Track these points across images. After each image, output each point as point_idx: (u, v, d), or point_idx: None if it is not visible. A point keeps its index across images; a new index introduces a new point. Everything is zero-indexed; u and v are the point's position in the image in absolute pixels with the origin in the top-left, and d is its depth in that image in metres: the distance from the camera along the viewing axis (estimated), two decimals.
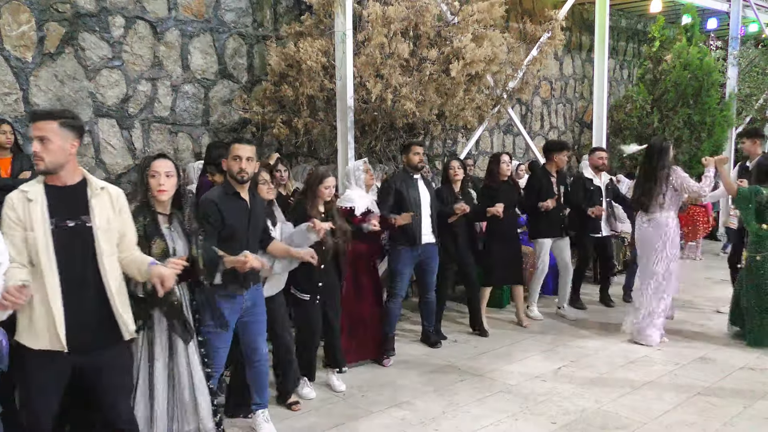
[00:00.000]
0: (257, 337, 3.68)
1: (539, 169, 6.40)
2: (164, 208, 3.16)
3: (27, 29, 5.20)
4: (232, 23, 6.41)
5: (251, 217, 3.55)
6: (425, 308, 5.43)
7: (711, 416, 4.01)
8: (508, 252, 5.77)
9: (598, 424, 3.93)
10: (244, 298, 3.53)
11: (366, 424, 3.96)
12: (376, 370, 4.90)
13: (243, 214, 3.52)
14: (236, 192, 3.51)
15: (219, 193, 3.53)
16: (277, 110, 6.11)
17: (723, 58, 10.89)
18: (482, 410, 4.14)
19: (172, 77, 6.04)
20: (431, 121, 6.13)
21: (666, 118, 9.59)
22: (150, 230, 3.07)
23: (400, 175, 5.22)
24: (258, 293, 3.67)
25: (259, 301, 3.67)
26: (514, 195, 5.84)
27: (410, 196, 5.05)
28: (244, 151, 3.46)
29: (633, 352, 5.23)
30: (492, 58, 6.03)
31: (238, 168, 3.44)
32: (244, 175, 3.45)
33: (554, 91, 10.33)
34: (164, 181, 3.09)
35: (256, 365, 3.72)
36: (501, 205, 5.46)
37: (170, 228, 3.15)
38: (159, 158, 3.15)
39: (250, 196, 3.58)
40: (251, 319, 3.63)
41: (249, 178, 3.49)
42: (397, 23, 5.65)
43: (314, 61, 5.66)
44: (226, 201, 3.47)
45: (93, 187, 2.76)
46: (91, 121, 5.58)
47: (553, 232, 6.10)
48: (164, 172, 3.09)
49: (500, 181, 5.72)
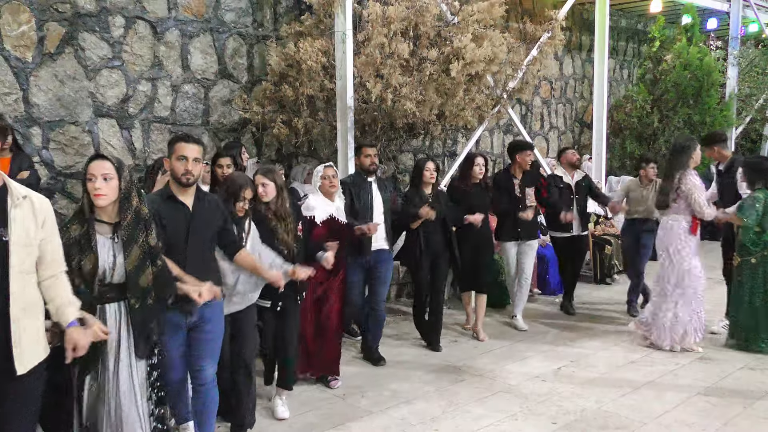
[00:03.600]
0: (204, 357, 3.24)
1: (501, 171, 6.10)
2: (109, 216, 2.78)
3: (27, 29, 5.19)
4: (232, 23, 6.41)
5: (191, 225, 3.13)
6: (372, 321, 5.05)
7: (711, 416, 4.01)
8: (478, 258, 5.53)
9: (598, 424, 3.93)
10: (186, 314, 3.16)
11: (366, 424, 3.96)
12: (376, 370, 4.90)
13: (180, 221, 3.11)
14: (173, 195, 3.12)
15: (155, 197, 3.18)
16: (277, 110, 6.12)
17: (723, 58, 10.89)
18: (482, 410, 4.14)
19: (172, 77, 6.04)
20: (431, 121, 6.13)
21: (666, 118, 9.59)
22: (83, 242, 2.71)
23: (353, 177, 5.05)
24: (210, 309, 3.21)
25: (212, 318, 3.24)
26: (485, 199, 5.59)
27: (361, 199, 4.85)
28: (191, 151, 3.08)
29: (633, 352, 5.23)
30: (492, 58, 6.02)
31: (184, 169, 3.06)
32: (190, 178, 3.08)
33: (554, 91, 10.33)
34: (101, 185, 2.68)
35: (200, 390, 3.27)
36: (480, 216, 5.30)
37: (114, 239, 2.76)
38: (96, 159, 2.75)
39: (194, 200, 3.17)
40: (199, 336, 3.22)
41: (194, 181, 3.11)
42: (397, 23, 5.64)
43: (314, 61, 5.66)
44: (160, 205, 3.09)
45: (14, 195, 2.43)
46: (91, 121, 5.58)
47: (516, 235, 5.78)
48: (101, 174, 2.69)
49: (472, 184, 5.51)
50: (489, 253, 5.76)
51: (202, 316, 3.18)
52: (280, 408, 4.06)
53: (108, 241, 2.76)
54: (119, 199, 2.76)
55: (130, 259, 2.76)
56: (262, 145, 6.67)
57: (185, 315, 3.13)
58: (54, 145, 5.40)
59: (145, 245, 2.80)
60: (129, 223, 2.77)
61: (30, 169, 4.88)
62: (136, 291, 2.78)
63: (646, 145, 9.77)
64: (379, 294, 5.03)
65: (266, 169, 3.97)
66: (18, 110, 5.20)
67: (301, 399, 4.32)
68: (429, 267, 5.25)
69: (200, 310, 3.14)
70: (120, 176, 2.75)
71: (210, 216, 3.24)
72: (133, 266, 2.76)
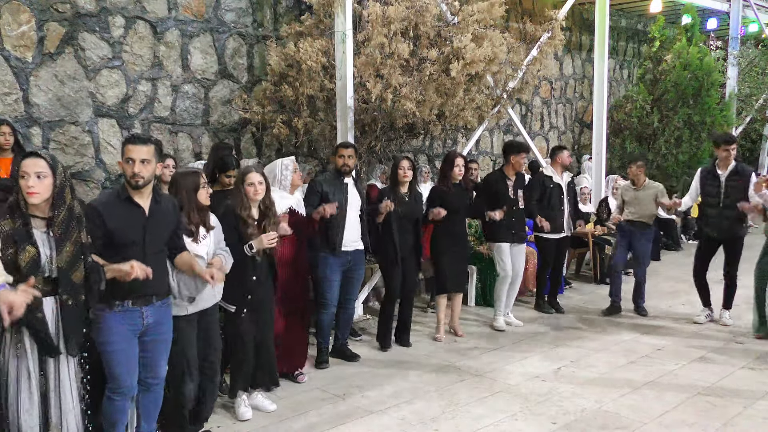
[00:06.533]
0: (158, 358, 3.27)
1: (495, 172, 6.04)
2: (42, 211, 2.79)
3: (27, 29, 5.20)
4: (232, 23, 6.41)
5: (148, 226, 3.10)
6: (342, 319, 5.06)
7: (711, 416, 4.00)
8: (454, 258, 5.43)
9: (598, 424, 3.93)
10: (143, 314, 3.12)
11: (366, 424, 3.96)
12: (376, 370, 4.90)
13: (137, 223, 3.07)
14: (129, 197, 3.07)
15: (108, 197, 3.17)
16: (277, 110, 6.12)
17: (723, 58, 10.91)
18: (482, 410, 4.13)
19: (172, 77, 6.05)
20: (431, 121, 6.13)
21: (666, 118, 9.61)
22: (20, 235, 2.71)
23: (327, 177, 4.95)
24: (163, 311, 3.24)
25: (164, 320, 3.26)
26: (465, 199, 5.47)
27: (336, 199, 4.73)
28: (138, 153, 3.01)
29: (633, 352, 5.23)
30: (492, 58, 6.03)
31: (131, 172, 3.01)
32: (139, 180, 3.02)
33: (554, 91, 10.33)
34: (34, 183, 2.70)
35: (153, 389, 3.33)
36: (442, 210, 5.16)
37: (48, 233, 2.78)
38: (30, 157, 2.76)
39: (151, 202, 3.14)
40: (153, 338, 3.22)
41: (145, 182, 3.05)
42: (397, 23, 5.65)
43: (314, 61, 5.66)
44: (115, 207, 3.06)
45: None
46: (91, 121, 5.58)
47: (511, 237, 5.74)
48: (34, 172, 2.71)
49: (452, 184, 5.39)
50: (463, 254, 5.61)
51: (156, 317, 3.19)
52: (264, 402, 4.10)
53: (43, 235, 2.78)
54: (53, 196, 2.78)
55: (63, 255, 2.77)
56: (262, 145, 6.67)
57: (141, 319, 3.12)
58: (54, 145, 5.40)
59: (77, 242, 2.82)
60: (63, 220, 2.79)
61: None
62: (69, 287, 2.80)
63: (646, 145, 9.78)
64: (350, 293, 5.01)
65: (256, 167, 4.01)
66: (18, 110, 5.21)
67: (301, 399, 4.32)
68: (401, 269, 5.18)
69: (154, 310, 3.16)
70: (54, 174, 2.77)
71: (166, 218, 3.22)
72: (65, 262, 2.78)
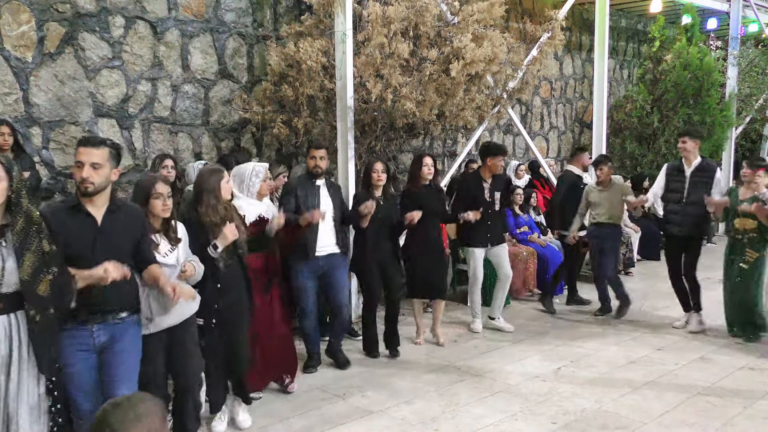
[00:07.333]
0: (119, 380, 2.85)
1: (470, 173, 5.95)
2: None
3: (27, 29, 5.20)
4: (232, 23, 6.41)
5: (98, 237, 2.78)
6: (336, 326, 4.96)
7: (711, 416, 4.01)
8: (429, 263, 5.29)
9: (598, 424, 3.93)
10: (93, 334, 2.81)
11: (366, 424, 3.96)
12: (376, 370, 4.90)
13: (86, 233, 2.76)
14: (77, 205, 2.77)
15: (57, 205, 2.94)
16: (277, 110, 6.12)
17: (723, 58, 10.90)
18: (482, 410, 4.14)
19: (172, 77, 6.05)
20: (431, 121, 6.13)
21: (666, 118, 9.60)
22: None
23: (300, 179, 4.86)
24: (122, 328, 2.89)
25: (124, 336, 2.88)
26: (437, 200, 5.36)
27: (308, 202, 4.64)
28: (89, 156, 2.71)
29: (633, 352, 5.23)
30: (492, 58, 6.03)
31: (80, 177, 2.71)
32: (88, 187, 2.72)
33: (554, 91, 10.33)
34: None
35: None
36: (418, 213, 4.96)
37: (2, 243, 2.49)
38: None
39: (106, 212, 2.82)
40: (110, 358, 2.85)
41: (96, 189, 2.75)
42: (397, 23, 5.65)
43: (314, 61, 5.66)
44: (63, 216, 2.75)
45: None
46: (91, 121, 5.58)
47: (485, 240, 5.66)
48: None
49: (422, 185, 5.27)
50: (439, 258, 5.46)
51: (111, 335, 2.85)
52: (240, 416, 3.92)
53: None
54: (7, 202, 2.51)
55: (24, 266, 2.49)
56: (262, 145, 6.67)
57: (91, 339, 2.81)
58: (54, 145, 5.41)
59: (39, 251, 2.54)
60: (21, 228, 2.51)
61: (31, 170, 4.89)
62: (35, 301, 2.52)
63: (646, 145, 9.79)
64: (338, 299, 4.85)
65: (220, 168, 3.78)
66: (18, 110, 5.20)
67: (301, 399, 4.33)
68: (380, 275, 5.07)
69: (109, 328, 2.84)
70: (10, 177, 2.49)
71: (123, 228, 2.88)
72: (27, 274, 2.49)
